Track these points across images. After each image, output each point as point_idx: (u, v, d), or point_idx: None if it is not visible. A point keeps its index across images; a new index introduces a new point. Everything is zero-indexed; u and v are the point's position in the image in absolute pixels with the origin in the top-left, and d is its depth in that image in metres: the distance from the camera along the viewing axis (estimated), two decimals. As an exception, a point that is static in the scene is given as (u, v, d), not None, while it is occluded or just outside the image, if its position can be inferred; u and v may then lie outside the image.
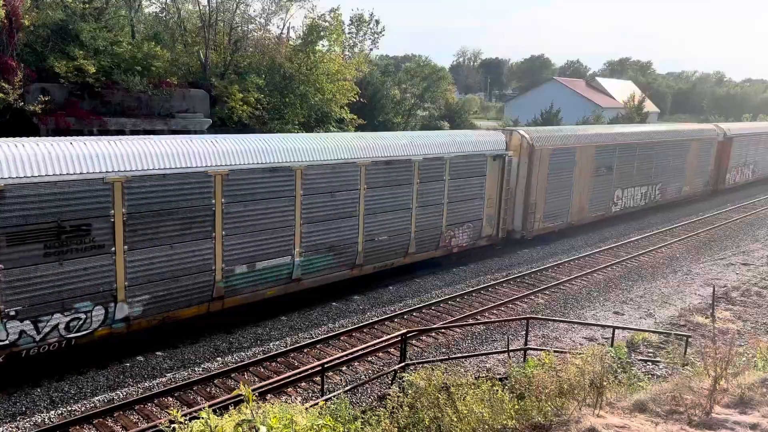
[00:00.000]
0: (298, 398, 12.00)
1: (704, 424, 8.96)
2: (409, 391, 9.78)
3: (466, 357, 14.22)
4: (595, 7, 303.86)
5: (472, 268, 21.52)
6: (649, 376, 13.27)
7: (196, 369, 13.37)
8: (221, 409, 10.08)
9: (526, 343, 14.15)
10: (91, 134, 23.65)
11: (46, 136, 21.59)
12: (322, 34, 34.78)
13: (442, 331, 15.75)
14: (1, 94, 22.42)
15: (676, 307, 18.61)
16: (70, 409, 11.57)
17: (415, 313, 17.15)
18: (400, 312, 17.01)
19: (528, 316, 15.18)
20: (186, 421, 6.94)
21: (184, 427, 6.80)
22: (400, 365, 12.59)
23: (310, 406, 9.06)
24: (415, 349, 14.82)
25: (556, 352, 12.49)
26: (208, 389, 12.52)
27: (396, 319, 16.63)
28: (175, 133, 25.19)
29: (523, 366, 12.22)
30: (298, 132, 29.83)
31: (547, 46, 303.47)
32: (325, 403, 9.73)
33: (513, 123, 62.23)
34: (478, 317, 17.13)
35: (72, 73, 24.73)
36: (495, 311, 17.68)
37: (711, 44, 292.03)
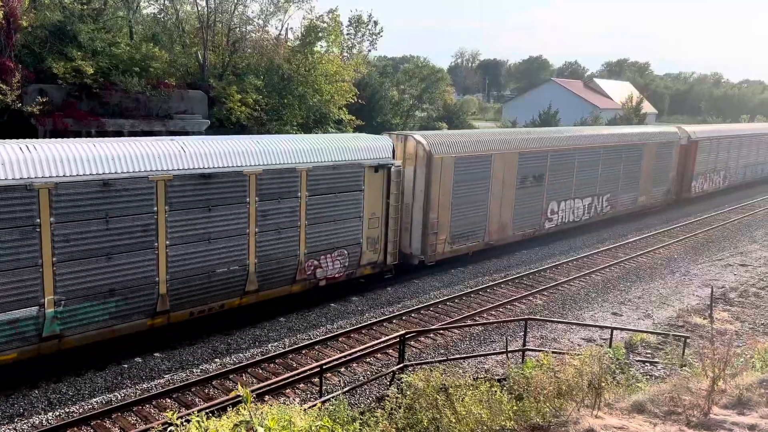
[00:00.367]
0: (297, 399, 11.99)
1: (702, 425, 8.98)
2: (408, 393, 9.78)
3: (464, 358, 14.24)
4: (593, 8, 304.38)
5: (470, 270, 21.53)
6: (648, 377, 13.30)
7: (194, 370, 13.36)
8: (219, 411, 10.07)
9: (524, 344, 14.15)
10: (89, 135, 23.62)
11: (44, 137, 21.55)
12: (321, 35, 34.76)
13: (441, 332, 15.75)
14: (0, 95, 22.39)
15: (674, 308, 18.63)
16: (68, 410, 11.55)
17: (413, 314, 17.15)
18: (398, 313, 17.01)
19: (526, 317, 15.19)
20: (182, 422, 6.93)
21: (182, 429, 6.79)
22: (398, 366, 12.58)
23: (308, 408, 9.06)
24: (414, 350, 14.82)
25: (555, 353, 12.51)
26: (206, 390, 12.51)
27: (394, 320, 16.64)
28: (174, 134, 25.15)
29: (522, 367, 12.22)
30: (297, 132, 29.83)
31: (546, 47, 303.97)
32: (324, 405, 9.73)
33: (511, 124, 62.28)
34: (477, 318, 17.14)
35: (70, 74, 24.70)
36: (493, 312, 17.69)
37: (709, 45, 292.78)
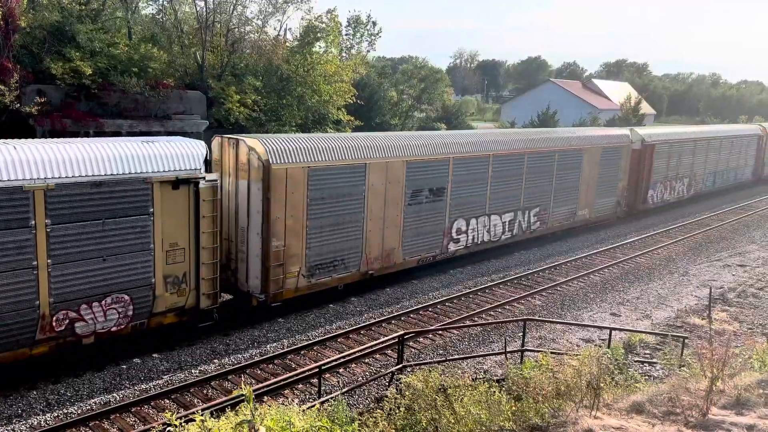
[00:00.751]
0: (296, 400, 11.98)
1: (701, 425, 8.99)
2: (407, 393, 9.78)
3: (463, 358, 14.23)
4: (592, 9, 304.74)
5: (469, 270, 21.53)
6: (646, 378, 13.31)
7: (193, 371, 13.35)
8: (218, 411, 10.07)
9: (523, 345, 14.15)
10: (87, 136, 23.60)
11: (43, 137, 21.53)
12: (319, 35, 34.77)
13: (440, 332, 15.75)
14: (-2, 96, 22.37)
15: (673, 309, 18.65)
16: (66, 411, 11.53)
17: (412, 315, 17.15)
18: (397, 314, 17.00)
19: (525, 318, 15.19)
20: (181, 423, 6.92)
21: (180, 430, 6.78)
22: (397, 367, 12.58)
23: (307, 408, 9.06)
24: (413, 350, 14.82)
25: (553, 353, 12.51)
26: (205, 391, 12.50)
27: (393, 321, 16.63)
28: (171, 134, 25.12)
29: (521, 367, 12.23)
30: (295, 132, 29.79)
31: (544, 48, 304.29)
32: (323, 405, 9.74)
33: (510, 124, 62.27)
34: (476, 319, 17.14)
35: (68, 74, 24.68)
36: (492, 313, 17.70)
37: (707, 46, 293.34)
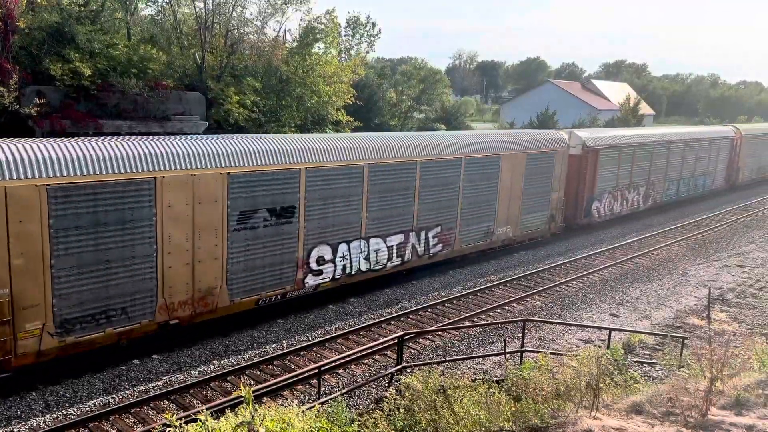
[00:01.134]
0: (295, 401, 11.98)
1: (700, 425, 8.99)
2: (406, 394, 9.79)
3: (462, 359, 14.24)
4: (591, 10, 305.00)
5: (468, 271, 21.53)
6: (646, 378, 13.31)
7: (193, 372, 13.34)
8: (218, 413, 10.07)
9: (522, 345, 14.15)
10: (87, 137, 23.57)
11: (42, 138, 21.50)
12: (318, 36, 34.79)
13: (439, 333, 15.75)
14: (-3, 97, 22.37)
15: (672, 309, 18.66)
16: (65, 412, 11.52)
17: (411, 316, 17.14)
18: (396, 314, 17.00)
19: (524, 318, 15.19)
20: (181, 424, 6.92)
21: (180, 430, 6.77)
22: (396, 368, 12.58)
23: (306, 409, 9.05)
24: (412, 351, 14.82)
25: (553, 354, 12.52)
26: (205, 392, 12.49)
27: (393, 322, 16.63)
28: (171, 135, 25.11)
29: (520, 368, 12.23)
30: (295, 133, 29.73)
31: (543, 49, 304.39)
32: (322, 406, 9.73)
33: (509, 125, 62.31)
34: (475, 319, 17.13)
35: (68, 75, 24.69)
36: (492, 313, 17.70)
37: (706, 47, 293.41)
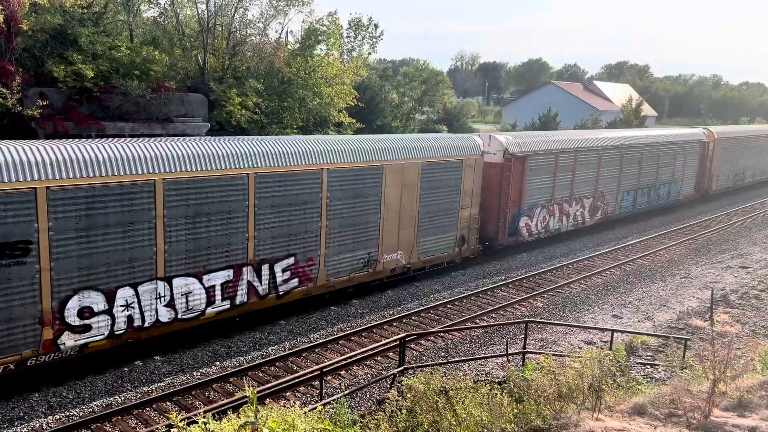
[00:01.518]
0: (297, 403, 11.98)
1: (703, 427, 8.98)
2: (408, 395, 9.78)
3: (464, 361, 14.23)
4: (593, 10, 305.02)
5: (470, 272, 21.52)
6: (648, 380, 13.30)
7: (195, 373, 13.35)
8: (220, 414, 10.08)
9: (524, 347, 14.14)
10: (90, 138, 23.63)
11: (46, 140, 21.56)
12: (321, 38, 34.83)
13: (441, 334, 15.74)
14: (0, 99, 22.43)
15: (675, 311, 18.63)
16: (68, 414, 11.54)
17: (413, 317, 17.14)
18: (398, 316, 16.99)
19: (527, 320, 15.19)
20: (184, 425, 6.92)
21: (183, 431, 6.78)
22: (398, 369, 12.58)
23: (309, 411, 9.05)
24: (414, 353, 14.81)
25: (555, 355, 12.51)
26: (207, 394, 12.50)
27: (395, 323, 16.63)
28: (174, 137, 25.16)
29: (522, 370, 12.23)
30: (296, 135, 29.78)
31: (545, 50, 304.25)
32: (324, 408, 9.73)
33: (511, 127, 62.29)
34: (477, 321, 17.12)
35: (70, 77, 24.75)
36: (494, 315, 17.69)
37: (709, 48, 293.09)
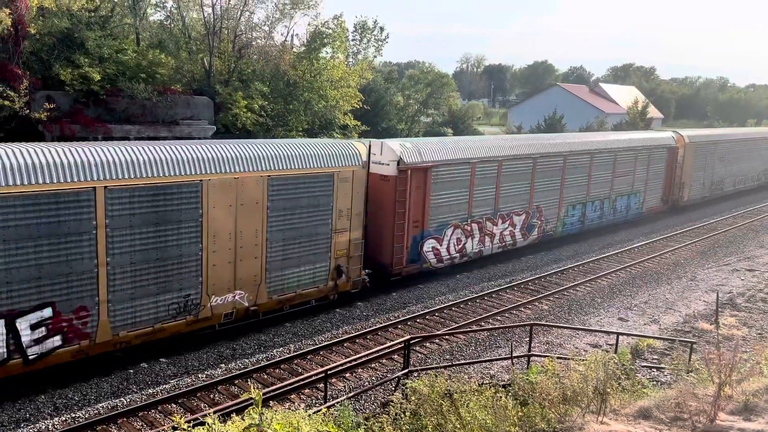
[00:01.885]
0: (302, 405, 12.00)
1: (708, 431, 8.94)
2: (412, 398, 9.77)
3: (469, 363, 14.21)
4: (599, 13, 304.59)
5: (475, 275, 21.49)
6: (654, 383, 13.25)
7: (200, 376, 13.39)
8: (224, 416, 10.09)
9: (529, 350, 14.12)
10: (96, 141, 23.77)
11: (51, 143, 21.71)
12: (326, 41, 34.92)
13: (446, 337, 15.73)
14: (7, 102, 22.58)
15: (681, 314, 18.55)
16: (73, 415, 11.59)
17: (418, 320, 17.14)
18: (403, 318, 17.00)
19: (532, 323, 15.15)
20: (189, 427, 6.94)
21: (187, 433, 6.80)
22: (403, 372, 12.57)
23: (313, 413, 9.07)
24: (419, 355, 14.81)
25: (560, 358, 12.47)
26: (212, 396, 12.53)
27: (399, 326, 16.63)
28: (179, 140, 25.27)
29: (527, 372, 12.20)
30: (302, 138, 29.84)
31: (551, 52, 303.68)
32: (329, 410, 9.74)
33: (517, 129, 62.27)
34: (482, 324, 17.10)
35: (77, 80, 24.90)
36: (499, 317, 17.67)
37: (714, 51, 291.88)
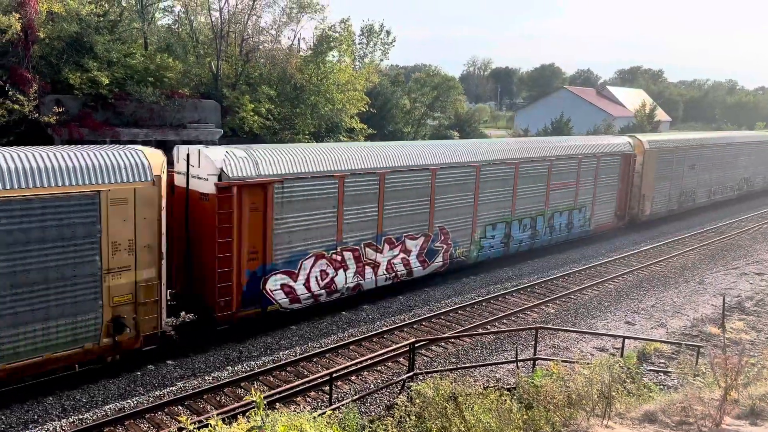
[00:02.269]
0: (307, 407, 12.03)
1: (714, 435, 8.90)
2: (417, 401, 9.79)
3: (474, 367, 14.20)
4: (606, 16, 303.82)
5: (482, 278, 21.48)
6: (661, 387, 13.20)
7: (206, 378, 13.44)
8: (230, 418, 10.15)
9: (535, 353, 14.10)
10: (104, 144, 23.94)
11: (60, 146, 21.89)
12: (333, 44, 35.05)
13: (451, 340, 15.72)
14: (17, 106, 22.82)
15: (689, 317, 18.47)
16: (81, 417, 11.66)
17: (424, 323, 17.14)
18: (409, 321, 17.01)
19: (537, 326, 15.14)
20: (195, 429, 6.99)
21: (192, 435, 6.85)
22: (408, 375, 12.60)
23: (318, 415, 9.10)
24: (424, 358, 14.81)
25: (565, 362, 12.46)
26: (218, 398, 12.59)
27: (405, 329, 16.63)
28: (186, 143, 25.41)
29: (532, 376, 12.18)
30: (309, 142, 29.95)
31: (558, 55, 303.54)
32: (334, 412, 9.77)
33: (523, 132, 62.19)
34: (488, 327, 17.09)
35: (86, 84, 25.14)
36: (505, 321, 17.64)
37: (721, 54, 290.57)
